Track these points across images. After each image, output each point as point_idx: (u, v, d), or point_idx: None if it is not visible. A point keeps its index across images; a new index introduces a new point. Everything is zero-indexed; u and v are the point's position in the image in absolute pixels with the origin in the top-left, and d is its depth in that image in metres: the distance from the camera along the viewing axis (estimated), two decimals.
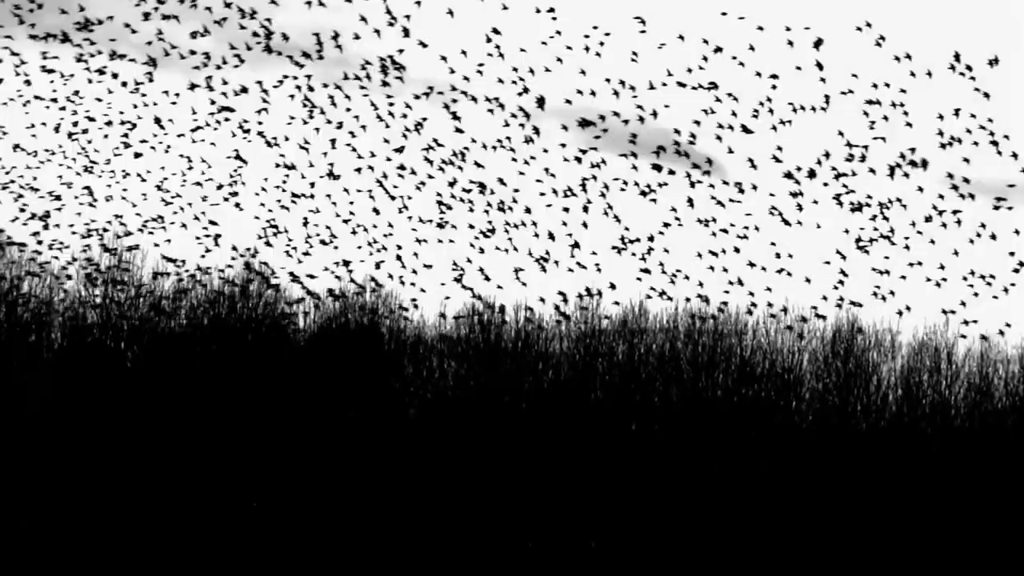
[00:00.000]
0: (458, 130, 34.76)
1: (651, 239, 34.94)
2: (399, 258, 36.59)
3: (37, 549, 48.69)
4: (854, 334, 54.22)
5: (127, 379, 51.95)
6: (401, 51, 33.79)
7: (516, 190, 35.17)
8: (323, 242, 36.72)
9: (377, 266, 36.56)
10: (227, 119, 35.99)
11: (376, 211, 36.07)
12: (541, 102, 33.87)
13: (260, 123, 35.86)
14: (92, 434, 50.12)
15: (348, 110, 35.15)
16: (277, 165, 36.49)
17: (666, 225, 34.87)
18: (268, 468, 50.58)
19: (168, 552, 49.25)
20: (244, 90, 35.34)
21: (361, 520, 50.48)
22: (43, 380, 51.96)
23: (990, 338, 53.35)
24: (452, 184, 35.38)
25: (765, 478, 51.59)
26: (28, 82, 35.96)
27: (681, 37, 32.79)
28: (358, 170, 36.00)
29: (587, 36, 33.13)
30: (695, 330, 54.35)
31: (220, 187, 37.08)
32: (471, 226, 35.61)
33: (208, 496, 50.13)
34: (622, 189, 34.51)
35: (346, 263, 37.00)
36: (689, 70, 33.01)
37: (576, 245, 35.22)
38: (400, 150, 35.39)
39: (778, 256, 34.46)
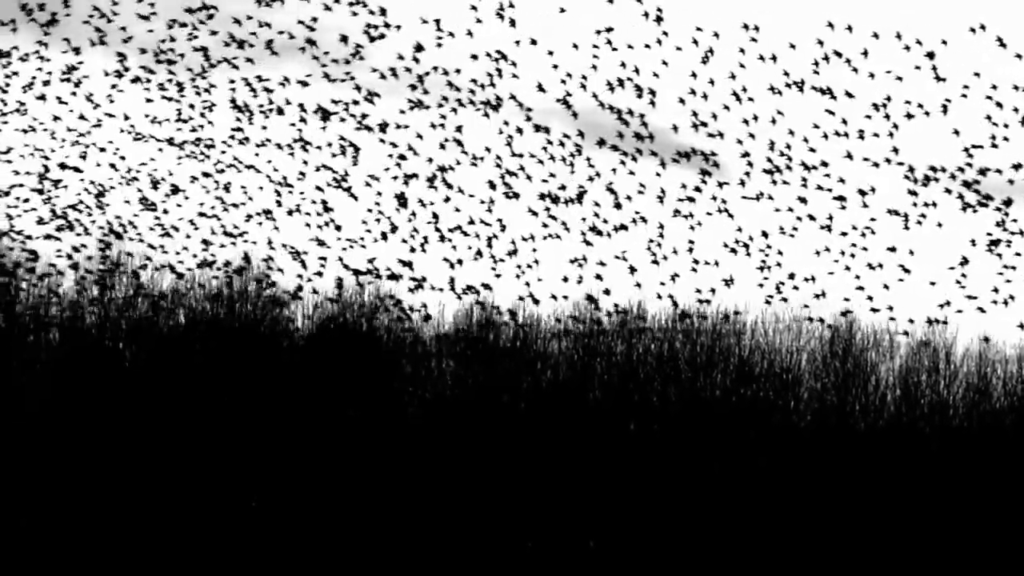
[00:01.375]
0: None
1: (765, 236, 34.70)
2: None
3: (37, 549, 48.67)
4: (852, 334, 54.30)
5: (126, 379, 51.92)
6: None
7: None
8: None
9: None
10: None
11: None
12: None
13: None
14: (91, 434, 50.10)
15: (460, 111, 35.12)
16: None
17: (782, 229, 34.72)
18: (267, 468, 50.57)
19: (168, 552, 49.23)
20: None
21: (361, 520, 50.48)
22: (42, 380, 51.93)
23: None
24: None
25: (764, 478, 51.61)
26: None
27: (792, 45, 32.86)
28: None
29: (695, 40, 33.15)
30: (694, 330, 54.38)
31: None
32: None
33: (208, 496, 50.11)
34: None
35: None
36: (802, 80, 33.08)
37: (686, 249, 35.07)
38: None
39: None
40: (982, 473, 51.68)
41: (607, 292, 36.79)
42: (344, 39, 34.37)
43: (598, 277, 35.78)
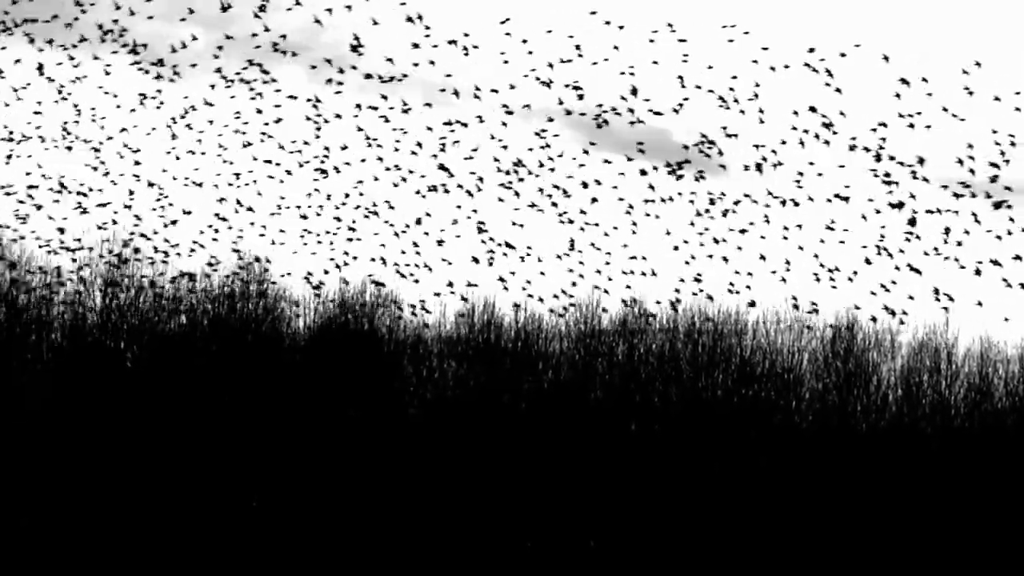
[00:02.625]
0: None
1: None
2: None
3: (37, 549, 48.69)
4: (853, 333, 54.27)
5: (127, 379, 51.95)
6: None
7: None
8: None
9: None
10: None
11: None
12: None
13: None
14: (92, 434, 50.12)
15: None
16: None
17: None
18: (268, 468, 50.58)
19: (168, 552, 49.25)
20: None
21: (361, 520, 50.48)
22: (43, 380, 51.96)
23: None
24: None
25: (765, 478, 51.57)
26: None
27: (550, 31, 33.03)
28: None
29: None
30: (696, 330, 54.38)
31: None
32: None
33: (208, 496, 50.12)
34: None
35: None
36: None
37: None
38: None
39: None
40: (983, 473, 51.64)
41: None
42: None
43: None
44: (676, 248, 34.59)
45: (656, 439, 52.58)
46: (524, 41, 33.69)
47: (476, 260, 35.91)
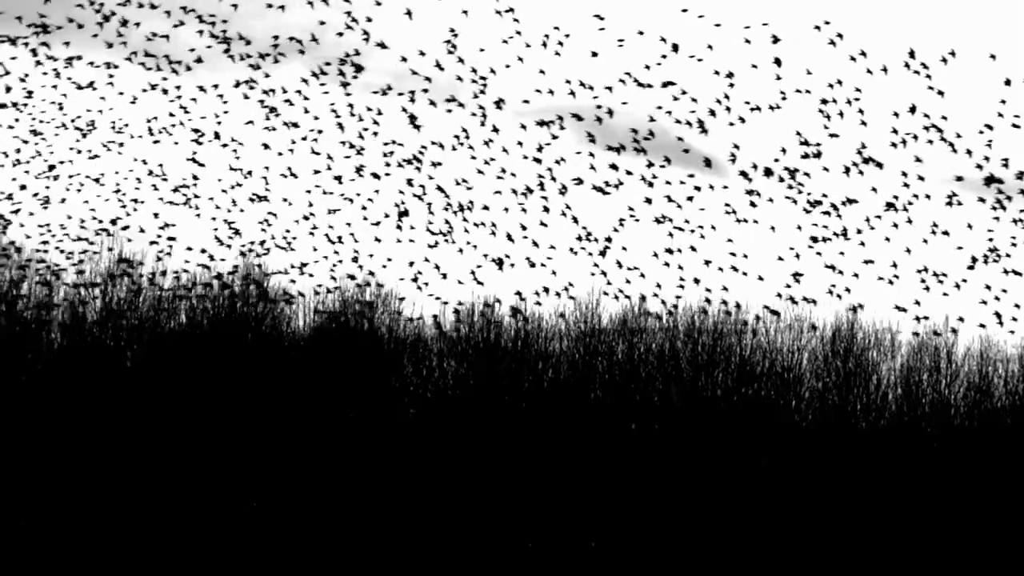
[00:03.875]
0: (416, 128, 34.80)
1: (608, 239, 34.95)
2: (355, 259, 36.59)
3: (37, 549, 48.66)
4: (853, 333, 54.25)
5: (127, 378, 51.90)
6: (358, 52, 33.83)
7: (471, 189, 35.20)
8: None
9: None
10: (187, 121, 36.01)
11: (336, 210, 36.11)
12: (500, 103, 33.89)
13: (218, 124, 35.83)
14: (92, 434, 50.07)
15: (307, 111, 35.09)
16: (232, 168, 36.51)
17: (622, 222, 34.88)
18: (268, 468, 50.56)
19: (168, 552, 49.22)
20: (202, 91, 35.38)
21: (361, 520, 50.46)
22: (42, 379, 51.90)
23: (941, 333, 53.42)
24: (410, 183, 35.40)
25: (765, 477, 51.57)
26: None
27: (641, 33, 32.82)
28: (316, 171, 36.08)
29: (547, 36, 33.09)
30: (694, 329, 54.37)
31: (176, 189, 37.11)
32: (430, 225, 35.64)
33: (208, 496, 50.09)
34: (577, 182, 34.48)
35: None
36: (647, 67, 33.03)
37: (535, 244, 35.21)
38: (360, 151, 35.38)
39: (733, 255, 34.41)
40: (984, 472, 51.65)
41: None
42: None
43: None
44: (780, 258, 34.53)
45: (656, 438, 52.58)
46: (619, 42, 33.51)
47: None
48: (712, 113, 33.07)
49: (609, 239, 35.44)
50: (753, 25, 32.28)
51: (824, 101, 32.44)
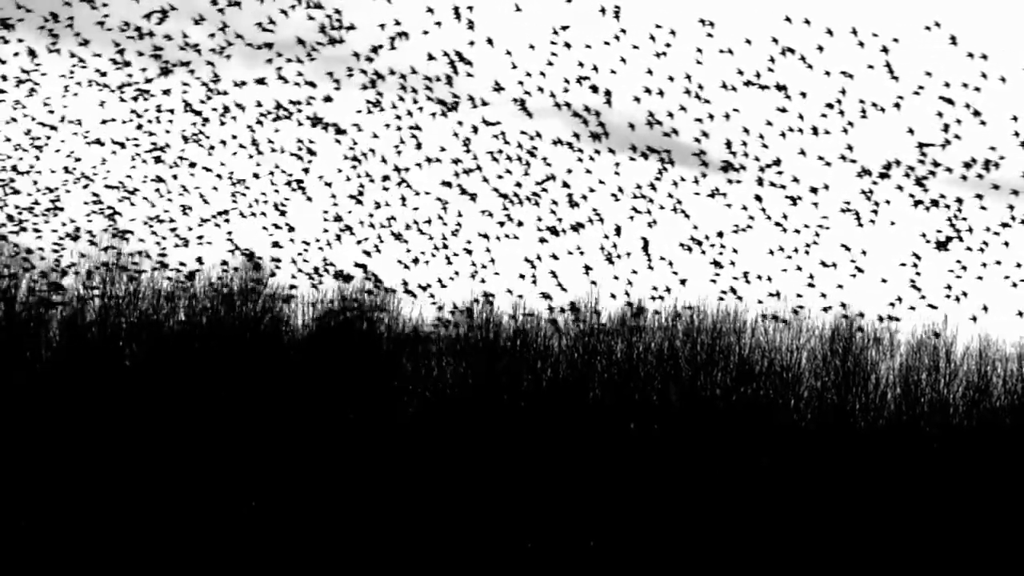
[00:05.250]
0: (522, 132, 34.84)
1: (720, 235, 34.86)
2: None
3: (37, 549, 48.68)
4: (852, 332, 54.26)
5: (126, 378, 51.92)
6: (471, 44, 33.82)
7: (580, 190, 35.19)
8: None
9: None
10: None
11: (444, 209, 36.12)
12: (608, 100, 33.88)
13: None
14: (91, 434, 50.10)
15: (416, 111, 35.05)
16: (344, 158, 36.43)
17: (737, 227, 34.80)
18: (267, 467, 50.58)
19: (167, 552, 49.25)
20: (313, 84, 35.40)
21: (360, 519, 50.49)
22: (42, 379, 51.92)
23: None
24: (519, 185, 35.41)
25: (764, 477, 51.61)
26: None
27: (748, 41, 32.82)
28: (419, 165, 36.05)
29: (652, 37, 33.07)
30: (693, 328, 54.40)
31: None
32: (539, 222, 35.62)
33: (207, 495, 50.12)
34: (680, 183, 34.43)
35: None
36: (758, 73, 33.04)
37: (646, 245, 35.17)
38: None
39: (852, 259, 34.30)
40: (982, 472, 51.70)
41: (564, 290, 36.84)
42: (301, 42, 34.36)
43: (553, 274, 35.85)
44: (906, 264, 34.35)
45: (655, 438, 52.61)
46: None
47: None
48: (829, 108, 33.10)
49: (721, 235, 35.44)
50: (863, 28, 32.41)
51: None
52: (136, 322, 53.39)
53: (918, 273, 33.86)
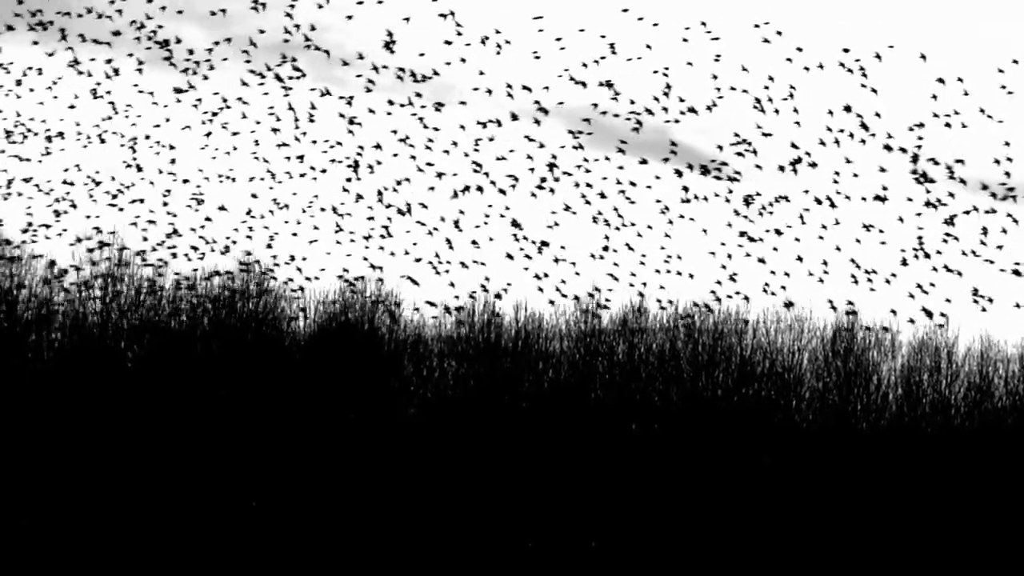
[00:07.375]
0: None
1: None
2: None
3: (37, 549, 48.69)
4: (853, 332, 54.24)
5: (127, 378, 51.93)
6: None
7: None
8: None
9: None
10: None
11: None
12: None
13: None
14: (92, 433, 50.11)
15: (245, 116, 35.12)
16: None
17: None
18: (268, 468, 50.58)
19: (168, 552, 49.25)
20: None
21: (361, 520, 50.48)
22: (43, 379, 51.92)
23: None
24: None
25: (765, 477, 51.58)
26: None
27: (582, 30, 32.99)
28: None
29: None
30: (695, 329, 54.37)
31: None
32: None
33: (207, 496, 50.12)
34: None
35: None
36: (584, 65, 33.20)
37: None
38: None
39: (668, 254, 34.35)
40: (984, 472, 51.64)
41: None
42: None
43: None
44: (713, 253, 34.53)
45: (656, 438, 52.58)
46: (558, 39, 33.62)
47: (511, 257, 35.90)
48: (649, 112, 33.21)
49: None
50: (692, 25, 32.54)
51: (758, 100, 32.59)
52: (138, 323, 53.41)
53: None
